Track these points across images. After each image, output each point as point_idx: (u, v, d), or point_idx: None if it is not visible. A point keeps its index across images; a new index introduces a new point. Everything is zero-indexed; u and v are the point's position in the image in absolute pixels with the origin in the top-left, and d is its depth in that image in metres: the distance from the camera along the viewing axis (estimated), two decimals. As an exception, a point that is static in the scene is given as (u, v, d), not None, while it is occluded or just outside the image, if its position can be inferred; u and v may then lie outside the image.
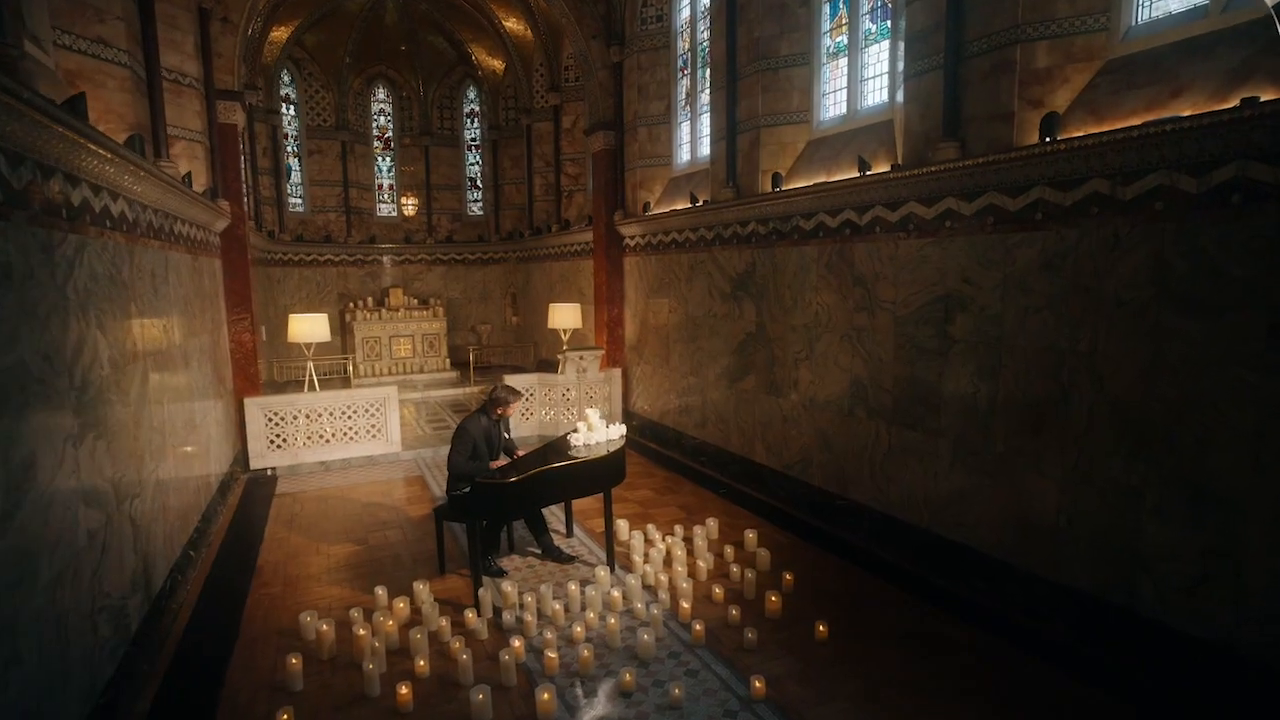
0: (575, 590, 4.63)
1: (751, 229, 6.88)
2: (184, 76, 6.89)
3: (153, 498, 4.30)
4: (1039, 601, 4.22)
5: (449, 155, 16.30)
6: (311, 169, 14.97)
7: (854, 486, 5.74)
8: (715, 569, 5.24)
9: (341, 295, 15.16)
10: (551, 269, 13.32)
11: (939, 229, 4.81)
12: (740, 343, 7.20)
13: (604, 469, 5.09)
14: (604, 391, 9.80)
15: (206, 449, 6.09)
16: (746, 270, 7.03)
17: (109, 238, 3.81)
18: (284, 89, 14.32)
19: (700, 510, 6.54)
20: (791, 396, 6.46)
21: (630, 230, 9.48)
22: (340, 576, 5.28)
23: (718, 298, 7.57)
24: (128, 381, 3.96)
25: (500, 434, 5.38)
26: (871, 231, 5.41)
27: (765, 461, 6.91)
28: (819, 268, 6.01)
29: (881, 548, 5.40)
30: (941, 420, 4.88)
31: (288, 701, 3.70)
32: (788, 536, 5.88)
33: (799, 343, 6.32)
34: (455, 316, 16.22)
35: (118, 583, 3.54)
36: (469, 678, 3.82)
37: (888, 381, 5.34)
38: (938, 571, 4.91)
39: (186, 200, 5.51)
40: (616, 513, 6.45)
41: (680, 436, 8.56)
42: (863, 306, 5.54)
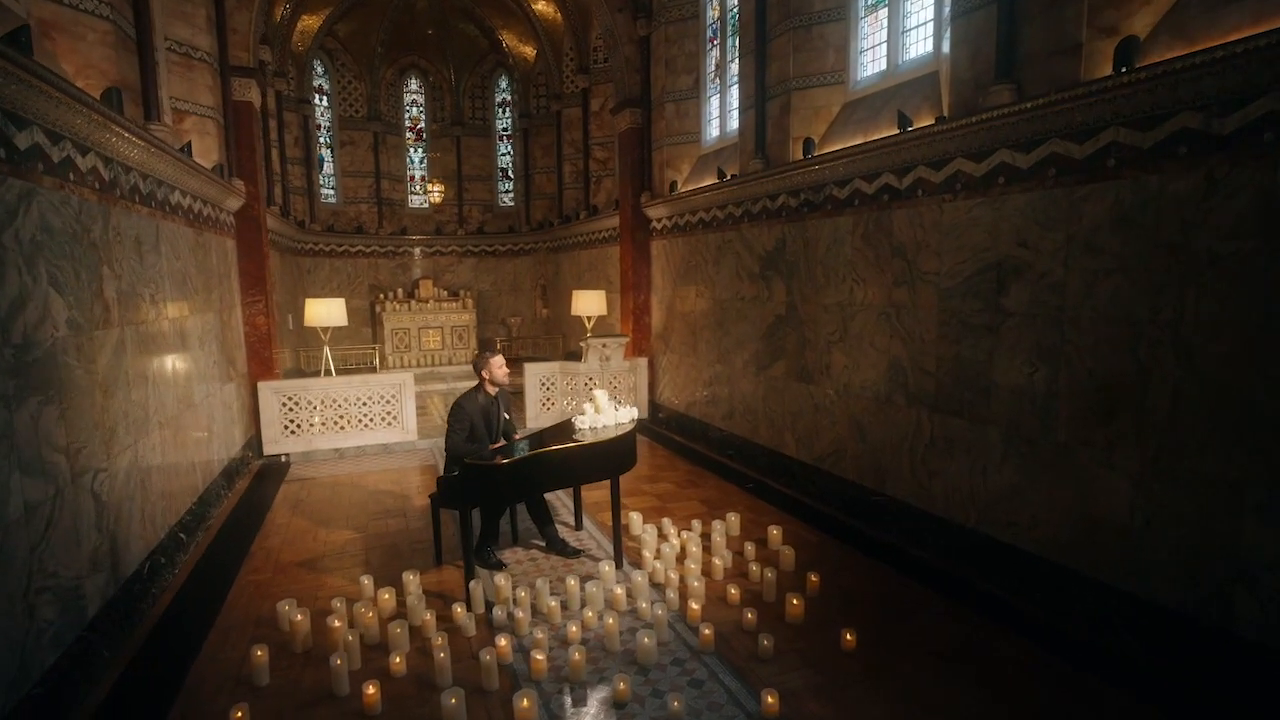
0: (574, 586, 4.20)
1: (781, 202, 6.36)
2: (195, 50, 6.72)
3: (127, 475, 4.04)
4: (1108, 615, 3.62)
5: (480, 146, 16.13)
6: (344, 160, 14.96)
7: (891, 481, 5.18)
8: (733, 568, 4.75)
9: (372, 286, 15.12)
10: (580, 258, 12.97)
11: (990, 187, 4.23)
12: (769, 326, 6.68)
13: (610, 454, 4.65)
14: (629, 381, 9.38)
15: (208, 430, 5.87)
16: (776, 247, 6.51)
17: (72, 191, 3.55)
18: (317, 80, 14.32)
19: (723, 505, 6.05)
20: (823, 383, 5.92)
21: (657, 212, 9.03)
22: (332, 564, 4.97)
23: (745, 279, 7.07)
24: (94, 348, 3.70)
25: (500, 413, 5.00)
26: (913, 195, 4.85)
27: (795, 454, 6.37)
28: (854, 240, 5.46)
29: (921, 548, 4.83)
30: (991, 406, 4.29)
31: (251, 696, 3.38)
32: (816, 534, 5.35)
33: (832, 324, 5.77)
34: (486, 309, 16.04)
35: (69, 561, 3.25)
36: (447, 678, 3.43)
37: (930, 363, 4.77)
38: (986, 577, 4.33)
39: (183, 169, 5.29)
40: (633, 506, 6.03)
41: (707, 428, 8.07)
42: (902, 280, 4.98)
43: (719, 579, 4.56)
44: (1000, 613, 4.02)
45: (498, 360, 4.91)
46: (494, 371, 4.89)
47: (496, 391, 5.00)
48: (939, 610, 4.10)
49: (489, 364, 4.88)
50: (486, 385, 4.91)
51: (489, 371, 4.88)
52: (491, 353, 4.95)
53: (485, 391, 4.92)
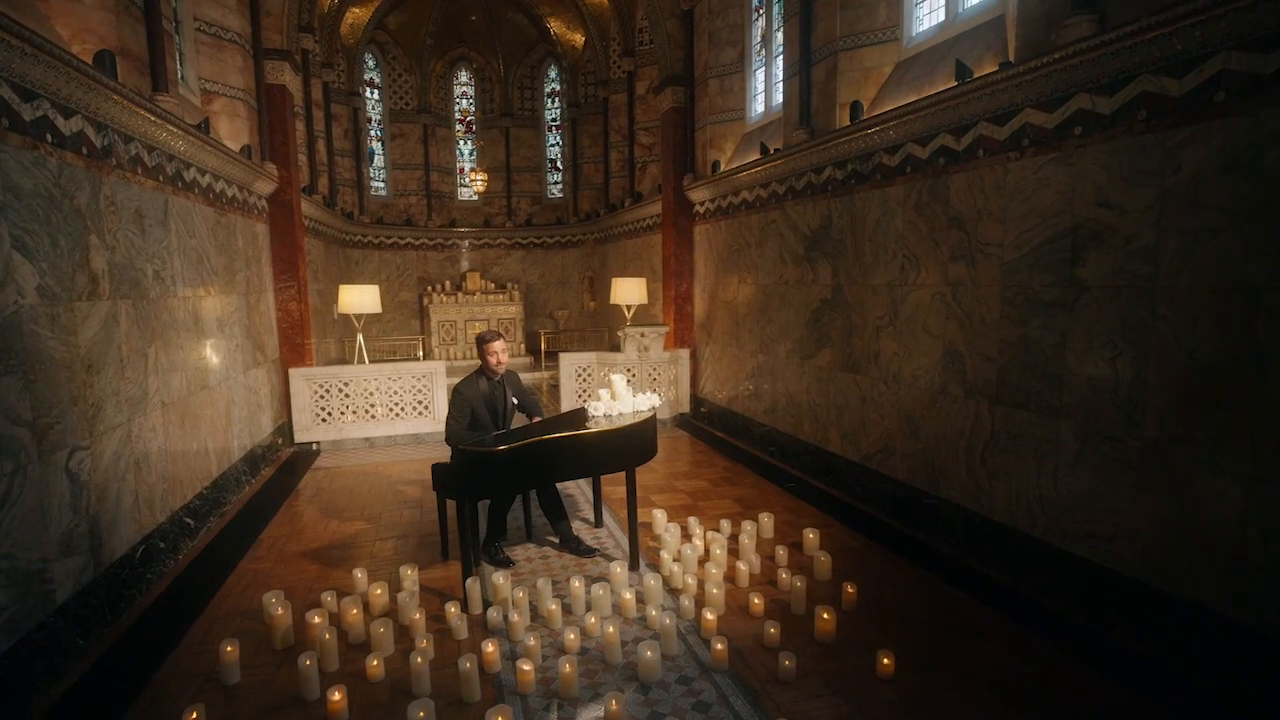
0: (579, 588, 3.80)
1: (827, 175, 5.80)
2: (225, 31, 6.67)
3: (116, 455, 3.87)
4: (1212, 648, 2.97)
5: (529, 137, 15.98)
6: (394, 152, 15.05)
7: (945, 481, 4.57)
8: (761, 574, 4.26)
9: (421, 279, 15.16)
10: (625, 247, 12.60)
11: (1064, 139, 3.60)
12: (814, 311, 6.13)
13: (624, 443, 4.23)
14: (669, 373, 8.94)
15: (226, 415, 5.76)
16: (821, 225, 5.95)
17: (49, 154, 3.38)
18: (368, 73, 14.44)
19: (759, 505, 5.54)
20: (871, 372, 5.33)
21: (699, 195, 8.56)
22: (338, 555, 4.74)
23: (789, 261, 6.52)
24: (75, 320, 3.53)
25: (507, 398, 4.65)
26: (972, 156, 4.24)
27: (840, 451, 5.80)
28: (906, 211, 4.87)
29: (979, 560, 4.22)
30: (1064, 396, 3.66)
31: (215, 696, 3.12)
32: (859, 539, 4.79)
33: (881, 306, 5.18)
34: (534, 302, 15.89)
35: (31, 543, 3.07)
36: (424, 686, 3.09)
37: (991, 348, 4.15)
38: (1056, 595, 3.70)
39: (197, 145, 5.16)
40: (661, 503, 5.61)
41: (749, 423, 7.56)
42: (960, 254, 4.37)
43: (743, 586, 4.08)
44: (1073, 639, 3.40)
45: (490, 348, 4.56)
46: (487, 360, 4.55)
47: (501, 376, 4.66)
48: (998, 633, 3.51)
49: (492, 347, 4.55)
50: (490, 371, 4.58)
51: (491, 355, 4.55)
52: (493, 336, 4.61)
53: (488, 376, 4.59)
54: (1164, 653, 3.15)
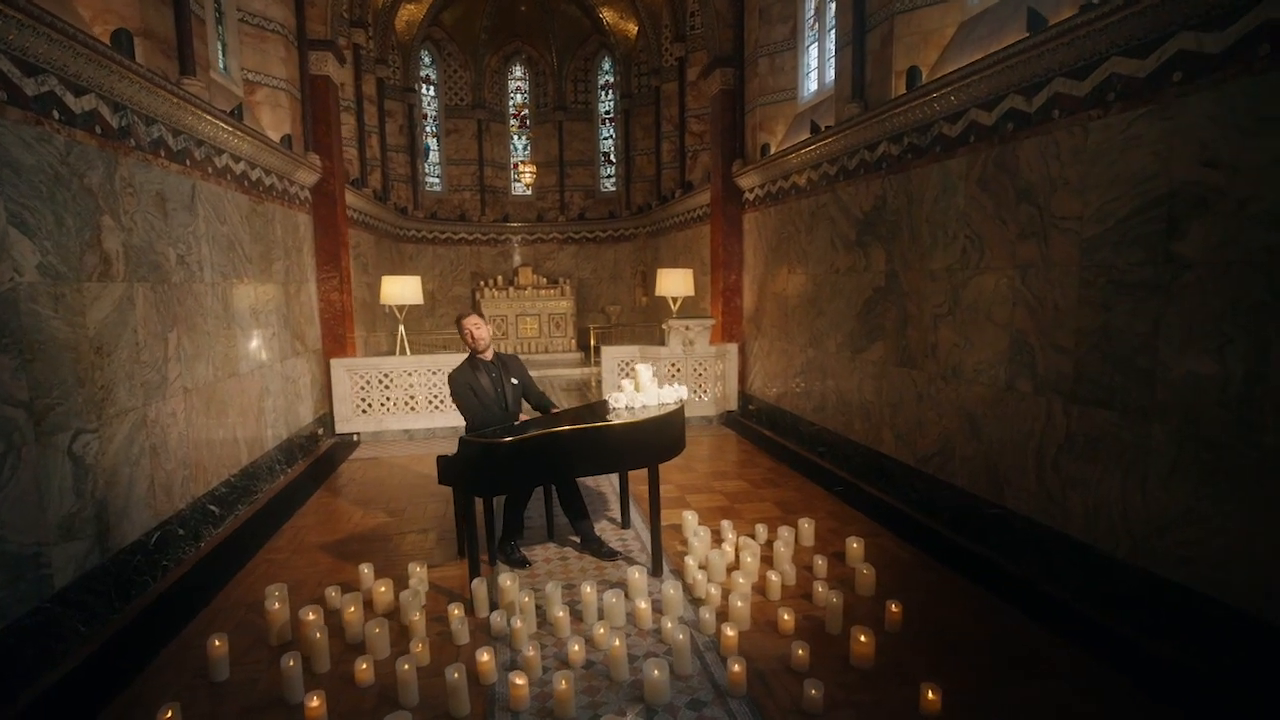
0: (590, 594, 3.50)
1: (881, 151, 5.30)
2: (268, 21, 6.69)
3: (129, 439, 3.81)
4: (1343, 705, 2.41)
5: (582, 130, 15.83)
6: (448, 148, 15.16)
7: (1011, 490, 4.04)
8: (796, 586, 3.85)
9: (474, 274, 15.23)
10: (675, 239, 12.25)
11: (1160, 88, 3.06)
12: (866, 301, 5.63)
13: (645, 437, 3.91)
14: (715, 369, 8.55)
15: (258, 403, 5.73)
16: (875, 207, 5.45)
17: (56, 131, 3.31)
18: (424, 69, 14.58)
19: (801, 509, 5.12)
20: (928, 367, 4.82)
21: (748, 181, 8.13)
22: (356, 548, 4.60)
23: (840, 247, 6.04)
24: (83, 300, 3.46)
25: (506, 380, 4.40)
26: (1046, 118, 3.70)
27: (893, 453, 5.30)
28: (968, 186, 4.35)
29: (1049, 580, 3.69)
30: (1156, 394, 3.11)
31: (203, 692, 2.99)
32: (910, 551, 4.31)
33: (939, 294, 4.67)
34: (586, 297, 15.74)
35: (24, 526, 2.99)
36: (411, 696, 2.85)
37: (1066, 338, 3.61)
38: (1146, 628, 3.15)
39: (227, 131, 5.12)
40: (696, 504, 5.27)
41: (797, 422, 7.09)
42: (1030, 231, 3.84)
43: (774, 599, 3.69)
44: (1161, 680, 2.87)
45: (465, 324, 4.34)
46: (466, 337, 4.33)
47: (495, 359, 4.43)
48: (1066, 668, 3.01)
49: (461, 325, 4.33)
50: (474, 349, 4.36)
51: (469, 336, 4.33)
52: (466, 314, 4.41)
53: (480, 359, 4.37)
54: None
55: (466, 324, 4.38)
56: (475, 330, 4.37)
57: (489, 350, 4.44)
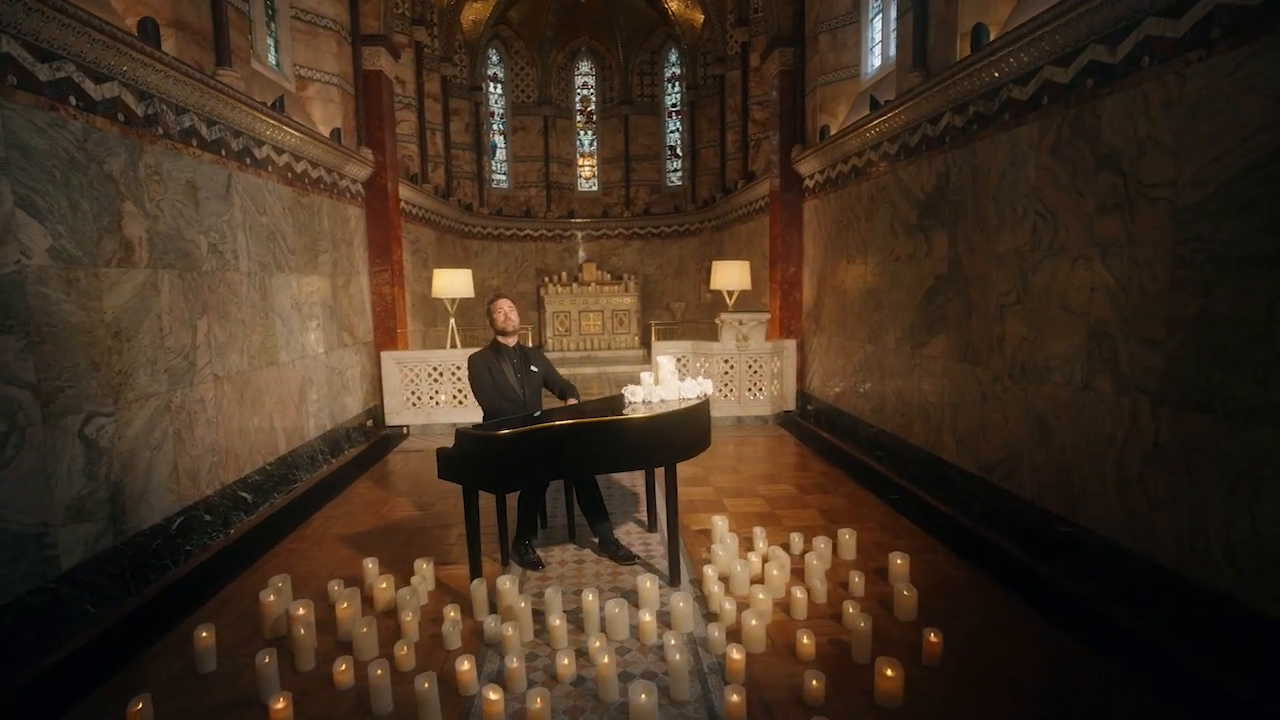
0: (592, 603, 3.22)
1: (945, 124, 4.77)
2: (320, 18, 6.80)
3: (149, 424, 3.85)
4: None
5: (648, 124, 15.59)
6: (515, 145, 15.26)
7: (1087, 505, 3.48)
8: (827, 604, 3.45)
9: (539, 270, 15.26)
10: (738, 232, 11.81)
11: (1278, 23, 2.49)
12: (927, 290, 5.10)
13: (660, 433, 3.60)
14: (771, 366, 8.10)
15: (299, 393, 5.79)
16: (937, 186, 4.92)
17: (72, 116, 3.35)
18: (491, 68, 14.73)
19: (848, 519, 4.67)
20: (993, 363, 4.27)
21: (808, 166, 7.65)
22: (372, 541, 4.51)
23: (900, 233, 5.52)
24: (100, 285, 3.50)
25: (526, 369, 4.20)
26: (1133, 68, 3.14)
27: (954, 459, 4.76)
28: (1039, 156, 3.80)
29: (1130, 613, 3.12)
30: (1271, 393, 2.54)
31: (186, 683, 2.91)
32: (966, 571, 3.81)
33: (1006, 280, 4.12)
34: (650, 293, 15.51)
35: (27, 506, 3.01)
36: (385, 702, 2.67)
37: (1155, 328, 3.05)
38: (1251, 678, 2.58)
39: (268, 123, 5.17)
40: (733, 509, 4.93)
41: (855, 424, 6.58)
42: (1112, 204, 3.28)
43: (799, 618, 3.30)
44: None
45: (495, 306, 4.16)
46: (494, 319, 4.15)
47: (516, 344, 4.23)
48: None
49: (489, 313, 4.16)
50: (500, 338, 4.18)
51: (490, 320, 4.15)
52: (496, 298, 4.22)
53: (503, 345, 4.18)
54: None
55: (502, 304, 4.24)
56: (511, 313, 4.24)
57: (514, 337, 4.27)
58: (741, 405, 7.99)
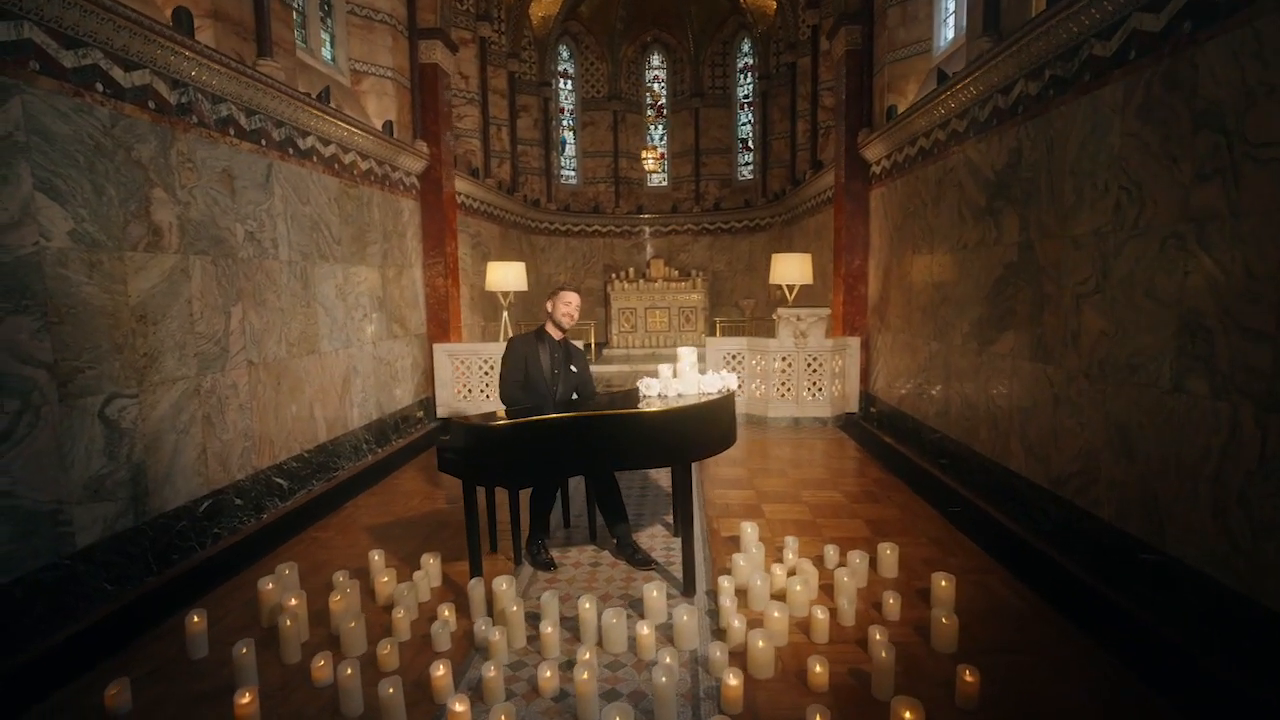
0: (589, 612, 2.98)
1: (1018, 92, 4.23)
2: (376, 12, 6.88)
3: (176, 407, 3.91)
4: None
5: (719, 117, 15.22)
6: (584, 140, 15.23)
7: (1175, 529, 2.94)
8: (854, 627, 3.07)
9: (607, 266, 15.18)
10: (807, 226, 11.28)
11: None
12: (996, 281, 4.57)
13: (675, 429, 3.31)
14: (832, 365, 7.61)
15: (342, 382, 5.85)
16: (1008, 163, 4.38)
17: (98, 103, 3.41)
18: (562, 64, 14.76)
19: (897, 531, 4.23)
20: (1068, 361, 3.73)
21: (874, 151, 7.12)
22: (396, 532, 4.46)
23: (968, 218, 4.98)
24: (124, 269, 3.56)
25: (566, 366, 3.97)
26: (1242, 4, 2.60)
27: (1023, 469, 4.22)
28: (1125, 119, 3.26)
29: (1226, 661, 2.59)
30: None
31: (173, 669, 2.88)
32: (1025, 597, 3.32)
33: (1084, 266, 3.58)
34: (719, 290, 15.15)
35: (39, 483, 3.06)
36: (355, 705, 2.53)
37: (1263, 318, 2.50)
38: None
39: (313, 114, 5.23)
40: (772, 515, 4.60)
41: (919, 428, 6.05)
42: (1212, 169, 2.74)
43: (819, 642, 2.95)
44: None
45: (564, 297, 3.91)
46: (556, 309, 3.90)
47: (564, 338, 4.01)
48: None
49: (554, 300, 3.91)
50: (550, 327, 3.95)
51: (553, 308, 3.91)
52: (569, 286, 3.97)
53: (549, 335, 3.96)
54: None
55: (571, 298, 3.96)
56: (575, 313, 3.96)
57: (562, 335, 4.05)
58: (799, 406, 7.55)
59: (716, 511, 4.70)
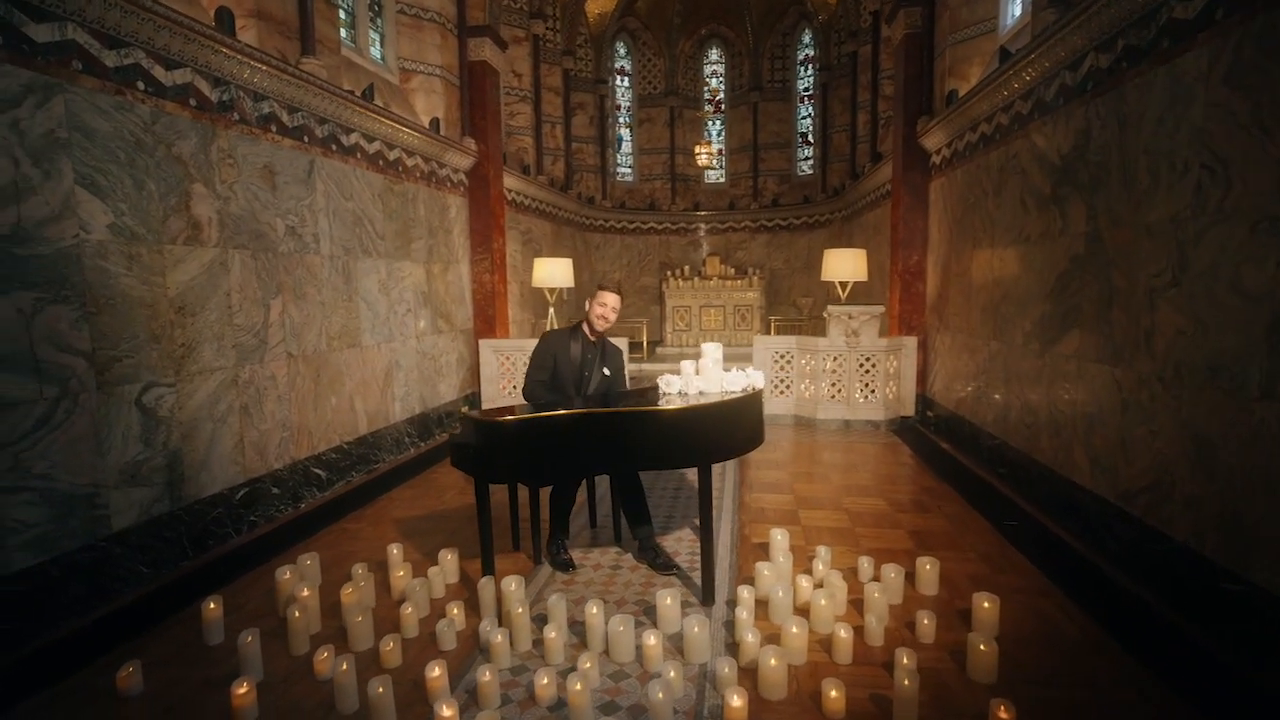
0: (596, 617, 2.85)
1: (1087, 66, 3.85)
2: (425, 11, 6.96)
3: (213, 396, 4.01)
4: None
5: (778, 111, 14.83)
6: (640, 137, 15.14)
7: (1262, 555, 2.58)
8: (881, 649, 2.83)
9: (663, 264, 15.04)
10: (866, 221, 10.84)
11: None
12: (1060, 275, 4.18)
13: (693, 429, 3.14)
14: (887, 366, 7.24)
15: (384, 376, 5.93)
16: (1075, 146, 4.00)
17: (136, 99, 3.51)
18: (619, 61, 14.71)
19: (944, 544, 3.93)
20: (1139, 363, 3.36)
21: (934, 139, 6.72)
22: (423, 526, 4.46)
23: (1032, 207, 4.59)
24: (163, 262, 3.67)
25: (598, 367, 3.85)
26: (1347, -51, 2.24)
27: (1087, 482, 3.84)
28: (1209, 89, 2.88)
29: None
30: None
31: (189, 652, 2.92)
32: (1081, 624, 2.99)
33: (1158, 257, 3.21)
34: (777, 289, 14.80)
35: (75, 467, 3.17)
36: (349, 701, 2.49)
37: (1372, 313, 2.14)
38: None
39: (357, 111, 5.31)
40: (809, 522, 4.39)
41: (977, 434, 5.66)
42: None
43: (841, 662, 2.72)
44: None
45: (600, 297, 3.74)
46: (592, 308, 3.76)
47: (598, 341, 3.87)
48: None
49: (591, 299, 3.77)
50: (585, 327, 3.83)
51: (589, 306, 3.78)
52: (610, 286, 3.78)
53: (584, 334, 3.84)
54: None
55: (610, 299, 3.73)
56: (611, 315, 3.75)
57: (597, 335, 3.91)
58: (850, 408, 7.21)
59: (750, 516, 4.49)
